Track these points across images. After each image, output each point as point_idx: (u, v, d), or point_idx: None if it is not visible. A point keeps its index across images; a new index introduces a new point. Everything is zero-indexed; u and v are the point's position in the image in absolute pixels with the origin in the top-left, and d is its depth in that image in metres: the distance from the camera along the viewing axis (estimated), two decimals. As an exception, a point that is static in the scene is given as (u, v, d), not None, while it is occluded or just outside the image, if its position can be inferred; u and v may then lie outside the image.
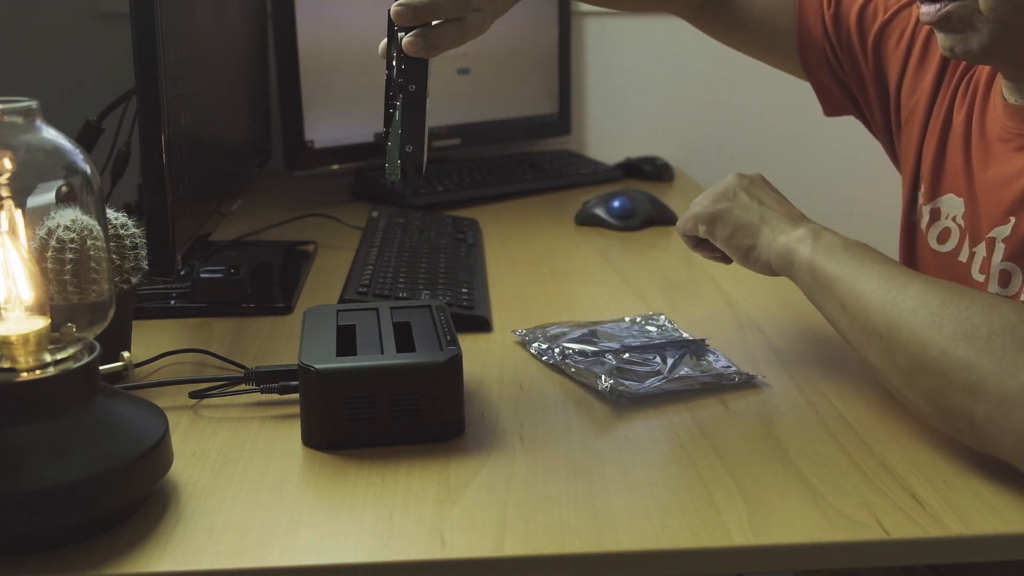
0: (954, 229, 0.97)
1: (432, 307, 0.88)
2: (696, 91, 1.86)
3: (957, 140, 0.97)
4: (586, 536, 0.65)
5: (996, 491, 0.70)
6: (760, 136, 1.87)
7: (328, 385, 0.75)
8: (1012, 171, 0.88)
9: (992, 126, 0.93)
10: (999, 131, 0.92)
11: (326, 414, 0.76)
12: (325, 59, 1.51)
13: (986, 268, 0.91)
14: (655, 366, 0.89)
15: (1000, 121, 0.92)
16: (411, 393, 0.76)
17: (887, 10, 1.06)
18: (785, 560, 0.66)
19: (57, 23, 1.62)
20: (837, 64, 1.10)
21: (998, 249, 0.89)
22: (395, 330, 0.83)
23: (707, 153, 1.87)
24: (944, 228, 0.98)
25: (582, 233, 1.39)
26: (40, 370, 0.65)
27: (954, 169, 0.98)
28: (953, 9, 0.83)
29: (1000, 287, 0.89)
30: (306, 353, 0.78)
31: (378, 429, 0.76)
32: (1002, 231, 0.89)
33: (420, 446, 0.77)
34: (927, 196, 1.01)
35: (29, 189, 0.67)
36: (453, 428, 0.79)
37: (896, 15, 1.06)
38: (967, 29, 0.84)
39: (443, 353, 0.78)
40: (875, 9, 1.07)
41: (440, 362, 0.77)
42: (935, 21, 0.86)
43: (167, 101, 0.89)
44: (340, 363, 0.76)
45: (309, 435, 0.77)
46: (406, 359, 0.78)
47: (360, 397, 0.76)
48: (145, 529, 0.66)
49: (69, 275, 0.70)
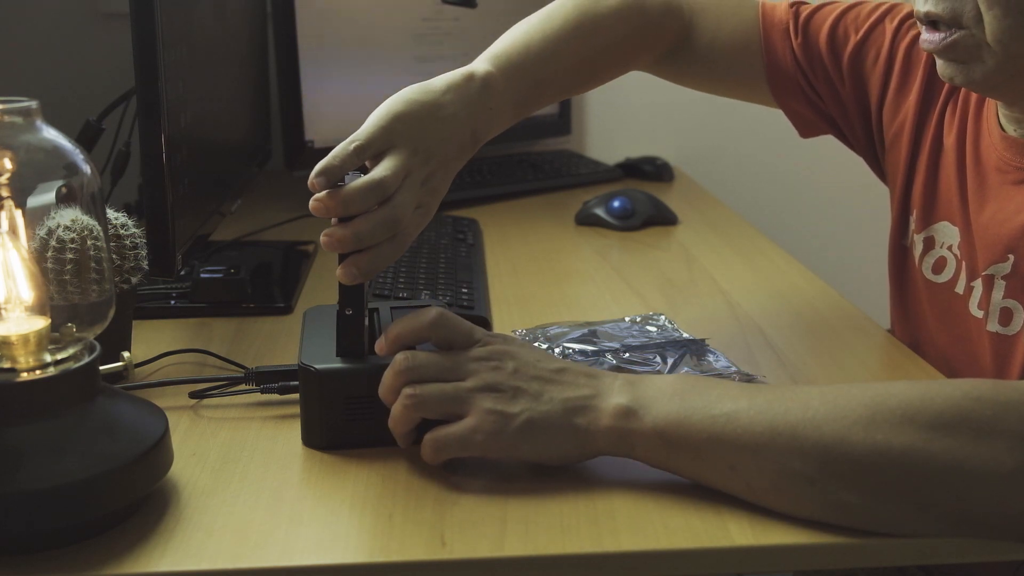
0: (950, 259, 0.94)
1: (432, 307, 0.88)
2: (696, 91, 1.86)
3: (950, 166, 0.94)
4: (586, 536, 0.65)
5: (996, 491, 0.70)
6: (760, 136, 1.87)
7: (328, 385, 0.75)
8: (1011, 207, 0.86)
9: (988, 154, 0.90)
10: (996, 161, 0.89)
11: (326, 414, 0.76)
12: (325, 58, 1.51)
13: (985, 305, 0.89)
14: (655, 366, 0.89)
15: (997, 151, 0.89)
16: None
17: (858, 29, 1.02)
18: (785, 560, 0.66)
19: (57, 23, 1.62)
20: (812, 92, 1.06)
21: (998, 286, 0.87)
22: None
23: (707, 153, 1.87)
24: (939, 257, 0.95)
25: (582, 233, 1.39)
26: (40, 370, 0.65)
27: (948, 197, 0.95)
28: (960, 38, 0.81)
29: (1001, 325, 0.87)
30: (306, 353, 0.78)
31: (378, 429, 0.76)
32: (1001, 268, 0.87)
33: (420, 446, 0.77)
34: (919, 224, 0.98)
35: (29, 189, 0.67)
36: None
37: (869, 34, 1.02)
38: (971, 60, 0.81)
39: None
40: (845, 30, 1.03)
41: None
42: (939, 50, 0.82)
43: (167, 101, 0.89)
44: (340, 363, 0.76)
45: (309, 435, 0.77)
46: None
47: (360, 397, 0.76)
48: (145, 529, 0.66)
49: (69, 275, 0.70)
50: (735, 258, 1.26)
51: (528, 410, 0.70)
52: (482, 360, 0.73)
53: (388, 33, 1.57)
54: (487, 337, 0.75)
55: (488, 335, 0.75)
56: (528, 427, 0.70)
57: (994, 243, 0.88)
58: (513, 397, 0.71)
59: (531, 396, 0.71)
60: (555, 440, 0.70)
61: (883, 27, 1.02)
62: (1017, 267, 0.85)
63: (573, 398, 0.71)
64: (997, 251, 0.87)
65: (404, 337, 0.75)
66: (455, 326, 0.75)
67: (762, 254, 1.27)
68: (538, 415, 0.70)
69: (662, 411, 0.69)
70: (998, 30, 0.78)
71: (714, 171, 1.85)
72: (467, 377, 0.72)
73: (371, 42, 1.56)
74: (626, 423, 0.69)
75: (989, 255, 0.88)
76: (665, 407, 0.69)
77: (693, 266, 1.23)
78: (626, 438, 0.70)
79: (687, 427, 0.68)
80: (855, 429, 0.64)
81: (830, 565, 0.66)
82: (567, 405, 0.70)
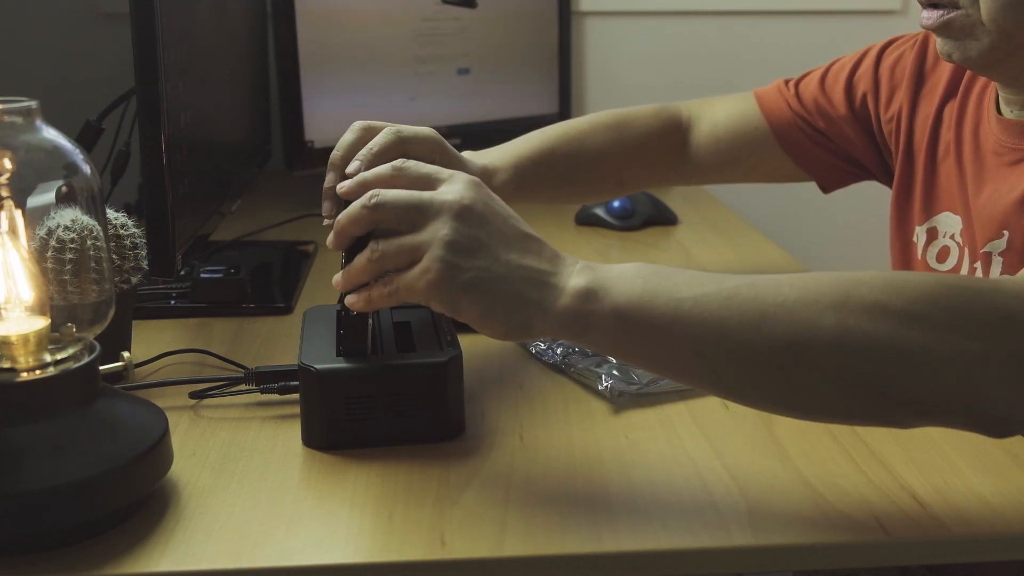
0: (953, 247, 0.96)
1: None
2: (696, 91, 1.86)
3: (950, 158, 0.97)
4: (586, 536, 0.65)
5: (996, 491, 0.70)
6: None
7: (328, 385, 0.75)
8: (1006, 186, 0.88)
9: (986, 139, 0.93)
10: (993, 145, 0.91)
11: (326, 414, 0.76)
12: (325, 59, 1.51)
13: None
14: (655, 366, 0.89)
15: (994, 135, 0.91)
16: (411, 393, 0.76)
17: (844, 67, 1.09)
18: (785, 560, 0.66)
19: (57, 23, 1.62)
20: (816, 133, 1.10)
21: (995, 263, 0.88)
22: (395, 329, 0.83)
23: (707, 153, 1.86)
24: (943, 246, 0.97)
25: (582, 233, 1.39)
26: (40, 370, 0.65)
27: (948, 187, 0.97)
28: (955, 17, 0.84)
29: None
30: (306, 353, 0.78)
31: (378, 429, 0.76)
32: (997, 245, 0.88)
33: (420, 446, 0.77)
34: (921, 216, 1.00)
35: (29, 189, 0.67)
36: (453, 428, 0.79)
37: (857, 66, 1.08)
38: (967, 37, 0.85)
39: (443, 353, 0.78)
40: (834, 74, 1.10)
41: (440, 362, 0.77)
42: (935, 27, 0.86)
43: (167, 101, 0.89)
44: (340, 363, 0.76)
45: (309, 435, 0.77)
46: (406, 359, 0.77)
47: (360, 397, 0.76)
48: (145, 529, 0.66)
49: (69, 275, 0.70)
50: (735, 258, 1.26)
51: (481, 269, 0.66)
52: (447, 205, 0.68)
53: (388, 33, 1.57)
54: (453, 178, 0.70)
55: (456, 174, 0.71)
56: (474, 284, 0.66)
57: (990, 222, 0.89)
58: (470, 249, 0.67)
59: (488, 254, 0.67)
60: (501, 307, 0.66)
61: (867, 54, 1.08)
62: (1012, 242, 0.87)
63: (532, 268, 0.67)
64: (992, 229, 0.89)
65: (370, 183, 0.72)
66: (418, 171, 0.71)
67: (762, 254, 1.27)
68: (489, 276, 0.66)
69: (623, 292, 0.65)
70: (992, 9, 0.82)
71: (714, 171, 1.85)
72: (424, 222, 0.68)
73: (371, 42, 1.56)
74: (584, 304, 0.66)
75: (985, 234, 0.90)
76: (627, 289, 0.65)
77: (693, 266, 1.22)
78: (581, 319, 0.66)
79: (649, 309, 0.64)
80: (827, 314, 0.62)
81: (830, 565, 0.66)
82: (523, 274, 0.67)
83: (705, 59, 1.84)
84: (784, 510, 0.68)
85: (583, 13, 1.81)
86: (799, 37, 1.84)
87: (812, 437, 0.78)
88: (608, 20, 1.81)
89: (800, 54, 1.83)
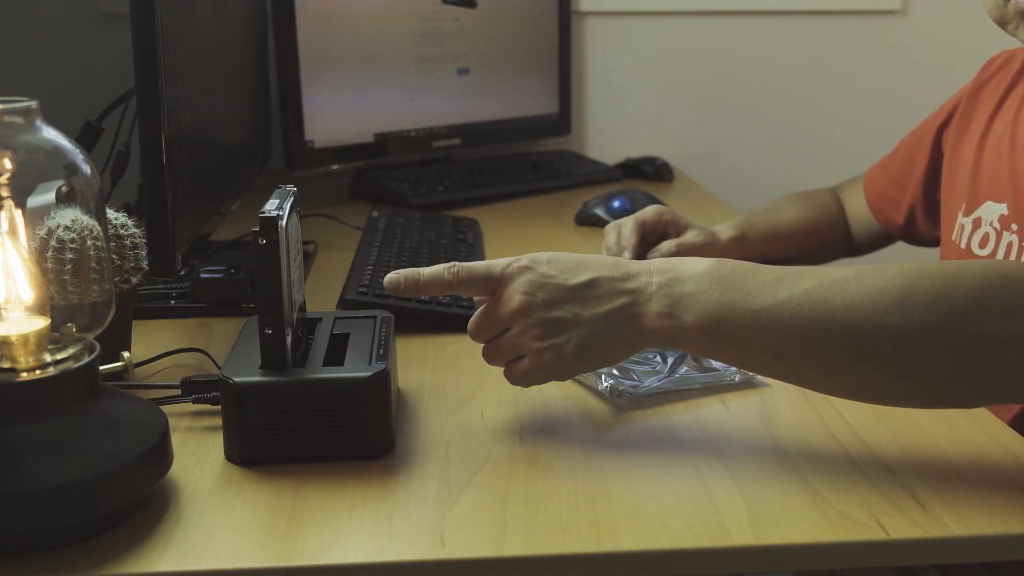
0: (991, 233, 1.00)
1: (378, 318, 0.85)
2: (696, 91, 1.86)
3: (993, 147, 1.01)
4: (586, 536, 0.65)
5: (996, 491, 0.70)
6: (760, 136, 1.87)
7: (246, 399, 0.73)
8: None
9: None
10: None
11: (245, 429, 0.73)
12: (325, 59, 1.51)
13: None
14: (655, 366, 0.89)
15: None
16: (331, 410, 0.73)
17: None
18: (785, 560, 0.66)
19: (57, 23, 1.62)
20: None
21: None
22: (331, 342, 0.80)
23: (707, 153, 1.87)
24: (984, 233, 1.01)
25: (582, 233, 1.39)
26: (40, 370, 0.65)
27: (994, 176, 1.00)
28: None
29: None
30: (229, 365, 0.75)
31: (299, 446, 0.73)
32: None
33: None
34: (968, 208, 1.03)
35: (29, 189, 0.67)
36: (380, 446, 0.75)
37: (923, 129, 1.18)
38: None
39: (369, 368, 0.74)
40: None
41: (363, 378, 0.73)
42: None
43: (167, 101, 0.89)
44: (259, 377, 0.73)
45: (229, 449, 0.75)
46: (328, 374, 0.74)
47: (280, 413, 0.73)
48: (145, 529, 0.66)
49: (69, 275, 0.70)
50: (735, 258, 1.26)
51: (574, 336, 0.74)
52: (511, 303, 0.75)
53: (388, 33, 1.57)
54: (505, 273, 0.76)
55: (506, 267, 0.77)
56: (580, 350, 0.74)
57: None
58: (556, 328, 0.74)
59: (571, 321, 0.74)
60: (608, 351, 0.75)
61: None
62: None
63: (613, 311, 0.74)
64: None
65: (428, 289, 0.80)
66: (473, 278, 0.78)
67: (762, 254, 1.27)
68: (585, 337, 0.74)
69: (701, 310, 0.72)
70: None
71: (714, 171, 1.85)
72: (509, 326, 0.76)
73: (371, 42, 1.56)
74: (669, 323, 0.73)
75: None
76: (703, 306, 0.72)
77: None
78: (672, 336, 0.73)
79: (729, 324, 0.71)
80: (893, 312, 0.67)
81: (830, 565, 0.66)
82: (608, 320, 0.74)
83: (705, 59, 1.84)
84: (784, 510, 0.68)
85: (583, 13, 1.81)
86: (799, 37, 1.84)
87: (812, 437, 0.78)
88: (608, 20, 1.81)
89: (800, 54, 1.83)
